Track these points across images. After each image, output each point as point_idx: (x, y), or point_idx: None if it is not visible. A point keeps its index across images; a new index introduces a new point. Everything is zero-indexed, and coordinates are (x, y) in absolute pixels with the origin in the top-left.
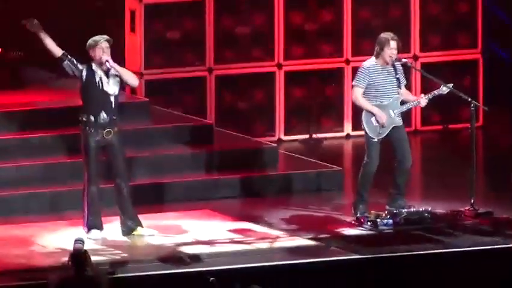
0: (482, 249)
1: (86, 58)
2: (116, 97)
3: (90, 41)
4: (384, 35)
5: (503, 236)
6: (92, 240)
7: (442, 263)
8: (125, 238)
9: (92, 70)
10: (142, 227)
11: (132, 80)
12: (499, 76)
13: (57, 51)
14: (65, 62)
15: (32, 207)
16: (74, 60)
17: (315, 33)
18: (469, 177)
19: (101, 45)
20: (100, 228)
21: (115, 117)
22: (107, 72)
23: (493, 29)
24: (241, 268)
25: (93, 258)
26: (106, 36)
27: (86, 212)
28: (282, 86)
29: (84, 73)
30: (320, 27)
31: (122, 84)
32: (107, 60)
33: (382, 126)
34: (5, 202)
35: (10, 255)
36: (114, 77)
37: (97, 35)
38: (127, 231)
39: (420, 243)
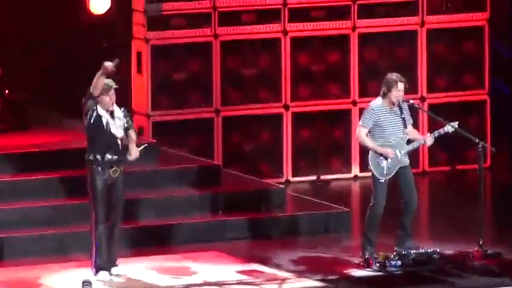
0: None
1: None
2: (121, 140)
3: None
4: (392, 76)
5: None
6: (100, 282)
7: None
8: (133, 281)
9: (99, 113)
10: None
11: (134, 153)
12: (508, 115)
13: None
14: (92, 100)
15: (38, 249)
16: None
17: (321, 74)
18: (477, 218)
19: (109, 94)
20: (108, 269)
21: (121, 159)
22: (112, 115)
23: (500, 67)
24: None
25: None
26: (113, 83)
27: (94, 252)
28: (289, 127)
29: (94, 114)
30: (326, 68)
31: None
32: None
33: (391, 160)
34: (11, 244)
35: None
36: (119, 120)
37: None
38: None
39: (429, 285)
